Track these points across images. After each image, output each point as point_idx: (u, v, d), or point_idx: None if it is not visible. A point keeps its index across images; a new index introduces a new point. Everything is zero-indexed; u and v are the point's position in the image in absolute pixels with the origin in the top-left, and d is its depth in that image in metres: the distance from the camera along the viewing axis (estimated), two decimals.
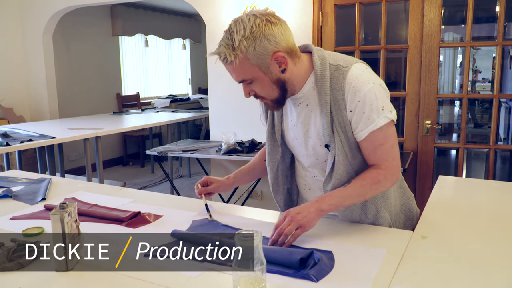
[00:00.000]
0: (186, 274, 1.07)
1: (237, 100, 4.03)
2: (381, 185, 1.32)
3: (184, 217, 1.48)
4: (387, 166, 1.32)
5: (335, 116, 1.31)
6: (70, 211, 1.11)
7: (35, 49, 5.16)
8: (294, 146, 1.45)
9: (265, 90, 1.33)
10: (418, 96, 3.39)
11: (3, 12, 5.01)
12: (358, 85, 1.28)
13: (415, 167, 3.46)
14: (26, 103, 5.33)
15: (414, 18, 3.32)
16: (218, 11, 4.00)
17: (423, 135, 3.41)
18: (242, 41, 1.24)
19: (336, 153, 1.31)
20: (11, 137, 3.38)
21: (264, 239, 1.25)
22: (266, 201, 4.09)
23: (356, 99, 1.28)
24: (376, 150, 1.31)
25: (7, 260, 1.12)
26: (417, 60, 3.36)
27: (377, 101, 1.28)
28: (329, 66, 1.33)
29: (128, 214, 1.47)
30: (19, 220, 1.48)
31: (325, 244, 1.22)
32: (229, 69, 1.30)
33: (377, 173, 1.31)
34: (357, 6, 3.49)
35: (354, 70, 1.31)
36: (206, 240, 1.21)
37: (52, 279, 1.06)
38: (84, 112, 5.89)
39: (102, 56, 6.32)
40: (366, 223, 1.40)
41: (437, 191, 1.74)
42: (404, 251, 1.16)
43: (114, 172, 6.18)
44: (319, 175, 1.44)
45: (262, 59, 1.26)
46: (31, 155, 4.89)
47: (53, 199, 1.73)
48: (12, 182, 1.99)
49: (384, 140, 1.31)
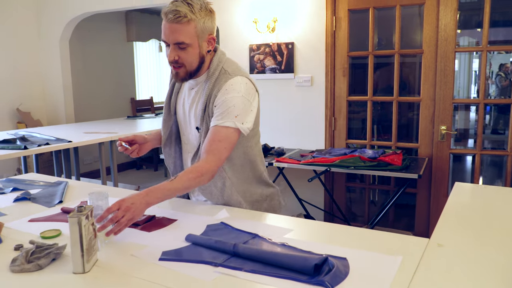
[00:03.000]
0: (201, 278, 1.07)
1: None
2: (203, 178, 1.49)
3: (199, 222, 1.48)
4: (212, 160, 1.50)
5: (208, 106, 1.57)
6: (87, 214, 1.12)
7: (52, 55, 5.26)
8: (180, 121, 1.73)
9: (189, 58, 1.53)
10: (433, 101, 3.36)
11: (21, 18, 5.11)
12: (229, 89, 1.55)
13: (430, 174, 3.43)
14: (43, 108, 5.42)
15: (429, 22, 3.30)
16: (231, 17, 4.02)
17: (438, 140, 3.37)
18: (201, 11, 1.49)
19: (202, 135, 1.59)
20: (29, 141, 3.43)
21: (271, 243, 1.25)
22: None
23: (221, 98, 1.54)
24: (213, 142, 1.52)
25: (26, 261, 1.13)
26: (432, 64, 3.33)
27: (235, 109, 1.53)
28: (221, 68, 1.60)
29: (143, 217, 1.48)
30: (37, 222, 1.51)
31: (339, 251, 1.21)
32: (174, 28, 1.47)
33: (202, 167, 1.49)
34: (370, 11, 3.48)
35: (236, 79, 1.57)
36: (220, 245, 1.21)
37: (69, 281, 1.08)
38: (99, 116, 5.96)
39: (116, 61, 6.40)
40: (221, 203, 1.66)
41: (453, 198, 1.72)
42: (420, 259, 1.15)
43: (127, 176, 6.23)
44: (190, 153, 1.70)
45: (204, 34, 1.52)
46: (47, 159, 4.96)
47: (69, 202, 1.76)
48: (30, 185, 2.02)
49: (223, 139, 1.52)
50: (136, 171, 6.57)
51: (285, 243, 1.26)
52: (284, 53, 3.82)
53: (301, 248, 1.22)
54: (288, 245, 1.24)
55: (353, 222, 3.89)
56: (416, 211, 3.57)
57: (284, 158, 3.38)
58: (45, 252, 1.17)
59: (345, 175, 3.80)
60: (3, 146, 3.19)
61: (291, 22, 3.78)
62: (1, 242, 1.31)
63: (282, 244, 1.25)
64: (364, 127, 3.79)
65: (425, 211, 3.52)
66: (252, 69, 3.99)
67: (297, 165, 3.24)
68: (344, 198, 3.87)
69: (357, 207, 4.17)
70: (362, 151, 3.28)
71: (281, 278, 1.06)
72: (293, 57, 3.79)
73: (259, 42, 3.92)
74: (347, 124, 3.73)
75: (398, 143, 3.58)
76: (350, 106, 3.76)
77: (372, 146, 3.71)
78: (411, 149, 3.70)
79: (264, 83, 3.98)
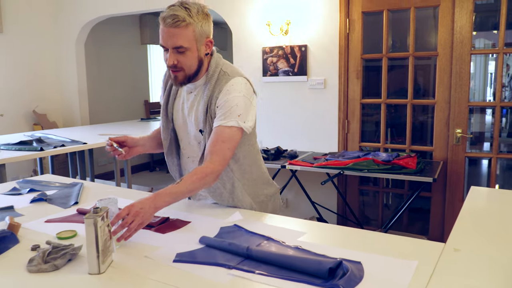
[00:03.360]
0: (215, 280, 1.08)
1: (263, 108, 4.05)
2: (208, 179, 1.50)
3: (212, 224, 1.49)
4: (216, 160, 1.52)
5: (210, 108, 1.59)
6: (103, 216, 1.14)
7: (68, 58, 5.33)
8: (181, 126, 1.71)
9: (188, 62, 1.54)
10: (448, 104, 3.33)
11: (38, 21, 5.20)
12: (230, 89, 1.57)
13: (445, 177, 3.39)
14: (58, 110, 5.50)
15: (444, 24, 3.27)
16: (244, 20, 4.03)
17: (454, 144, 3.34)
18: (198, 15, 1.50)
19: (206, 137, 1.60)
20: (45, 143, 3.48)
21: (284, 246, 1.25)
22: (292, 209, 4.08)
23: (224, 99, 1.56)
24: (217, 143, 1.53)
25: (42, 262, 1.15)
26: (447, 67, 3.30)
27: (237, 108, 1.55)
28: (220, 70, 1.62)
29: (158, 219, 1.49)
30: (53, 223, 1.52)
31: (354, 254, 1.20)
32: (173, 32, 1.48)
33: (206, 168, 1.50)
34: (384, 13, 3.46)
35: (236, 79, 1.59)
36: (234, 247, 1.22)
37: (85, 282, 1.09)
38: (113, 118, 6.02)
39: (130, 64, 6.46)
40: (231, 205, 1.68)
41: (469, 202, 1.70)
42: (436, 264, 1.14)
43: (141, 178, 6.28)
44: (191, 157, 1.72)
45: (201, 37, 1.53)
46: (62, 160, 5.03)
47: (84, 203, 1.78)
48: (46, 186, 2.05)
49: (227, 139, 1.54)
50: (149, 173, 6.62)
51: (298, 246, 1.25)
52: (297, 56, 3.82)
53: (315, 252, 1.22)
54: (301, 248, 1.24)
55: (366, 226, 3.86)
56: (431, 215, 3.53)
57: (297, 161, 3.38)
58: (61, 253, 1.18)
59: (358, 178, 3.78)
60: (20, 148, 3.24)
61: (304, 25, 3.77)
62: (19, 242, 1.33)
63: (296, 247, 1.25)
64: (378, 130, 3.76)
65: (440, 215, 3.48)
66: (265, 71, 3.99)
67: (310, 168, 3.23)
68: (357, 201, 3.84)
69: (371, 210, 4.14)
70: (376, 154, 3.26)
71: (295, 281, 1.05)
72: (306, 59, 3.79)
73: (272, 45, 3.93)
74: (360, 127, 3.71)
75: (412, 146, 3.55)
76: (363, 109, 3.74)
77: (385, 149, 3.68)
78: (426, 152, 3.67)
79: (277, 86, 3.98)
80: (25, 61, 5.09)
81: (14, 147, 3.27)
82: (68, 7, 5.23)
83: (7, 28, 4.84)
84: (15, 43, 4.97)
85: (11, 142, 3.47)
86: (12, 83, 4.98)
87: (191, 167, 1.72)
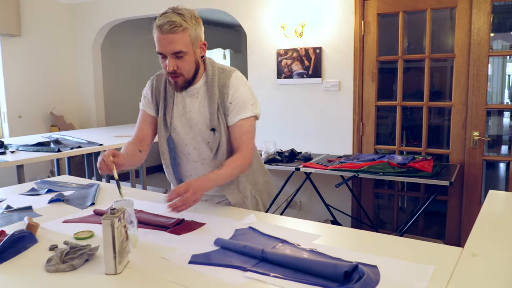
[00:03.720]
0: (230, 282, 1.08)
1: (277, 110, 4.05)
2: (242, 168, 1.67)
3: (227, 226, 1.49)
4: (246, 153, 1.66)
5: (220, 106, 1.65)
6: (119, 217, 1.15)
7: (85, 60, 5.41)
8: (182, 131, 1.72)
9: (187, 66, 1.58)
10: (465, 106, 3.29)
11: (56, 25, 5.28)
12: (238, 84, 1.67)
13: (462, 181, 3.35)
14: (75, 111, 5.58)
15: (461, 26, 3.23)
16: (259, 23, 4.04)
17: (471, 147, 3.29)
18: (191, 19, 1.54)
19: (221, 134, 1.66)
20: (62, 144, 3.54)
21: (300, 249, 1.25)
22: (305, 211, 4.06)
23: (236, 94, 1.65)
24: (242, 137, 1.66)
25: (60, 261, 1.17)
26: (464, 69, 3.26)
27: (249, 99, 1.67)
28: (217, 69, 1.69)
29: (173, 221, 1.50)
30: (71, 223, 1.55)
31: (369, 258, 1.19)
32: (171, 38, 1.50)
33: (239, 159, 1.64)
34: (400, 15, 3.44)
35: (236, 74, 1.70)
36: (249, 250, 1.22)
37: (101, 282, 1.10)
38: (128, 120, 6.08)
39: (145, 66, 6.51)
40: (239, 198, 1.76)
41: (488, 206, 1.67)
42: (454, 269, 1.12)
43: (156, 179, 6.32)
44: (200, 160, 1.74)
45: (196, 40, 1.57)
46: (79, 161, 5.09)
47: (101, 204, 1.80)
48: (63, 187, 2.08)
49: (248, 130, 1.67)
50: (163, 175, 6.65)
51: (313, 249, 1.25)
52: (312, 58, 3.81)
53: (330, 255, 1.21)
54: (317, 251, 1.24)
55: (381, 229, 3.83)
56: (447, 219, 3.49)
57: (311, 163, 3.37)
58: (79, 253, 1.20)
59: (373, 181, 3.75)
60: (38, 149, 3.29)
61: (319, 27, 3.77)
62: (37, 242, 1.35)
63: (311, 250, 1.25)
64: (393, 133, 3.73)
65: (457, 219, 3.43)
66: (279, 74, 3.99)
67: (325, 171, 3.21)
68: (372, 205, 3.81)
69: (385, 213, 4.11)
70: (391, 157, 3.23)
71: (310, 284, 1.05)
72: (321, 61, 3.78)
73: (286, 47, 3.93)
74: (375, 129, 3.68)
75: (428, 149, 3.51)
76: (378, 111, 3.71)
77: (401, 152, 3.65)
78: (442, 155, 3.62)
79: (292, 88, 3.98)
80: (42, 63, 5.18)
81: (32, 148, 3.33)
82: (85, 10, 5.31)
83: (25, 31, 4.93)
84: (33, 46, 5.06)
85: (29, 143, 3.53)
86: (30, 86, 5.07)
87: (201, 169, 1.75)
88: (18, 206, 1.76)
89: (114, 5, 5.01)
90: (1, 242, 1.26)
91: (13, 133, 4.87)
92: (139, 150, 1.73)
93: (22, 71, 4.97)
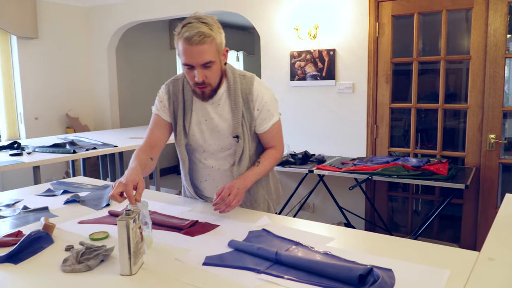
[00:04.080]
0: (244, 284, 1.08)
1: (290, 112, 4.04)
2: (276, 161, 1.78)
3: (240, 228, 1.49)
4: (281, 146, 1.81)
5: (245, 113, 1.67)
6: (134, 218, 1.16)
7: (100, 63, 5.47)
8: (201, 138, 1.72)
9: (214, 75, 1.58)
10: (481, 109, 3.24)
11: (71, 28, 5.36)
12: (263, 90, 1.70)
13: (478, 184, 3.30)
14: (90, 113, 5.64)
15: (477, 27, 3.19)
16: (272, 24, 4.04)
17: (487, 150, 3.25)
18: (217, 28, 1.53)
19: (244, 141, 1.68)
20: (78, 145, 3.58)
21: (314, 251, 1.24)
22: (318, 213, 4.05)
23: (263, 101, 1.69)
24: (275, 137, 1.77)
25: (76, 262, 1.18)
26: (481, 71, 3.22)
27: (273, 103, 1.73)
28: (238, 75, 1.68)
29: (187, 222, 1.51)
30: (86, 224, 1.56)
31: (384, 261, 1.18)
32: (201, 50, 1.48)
33: (275, 152, 1.78)
34: (415, 16, 3.41)
35: (257, 79, 1.71)
36: (263, 252, 1.22)
37: (117, 283, 1.11)
38: (142, 122, 6.13)
39: (159, 68, 6.57)
40: (248, 201, 1.78)
41: (504, 210, 1.65)
42: (470, 273, 1.11)
43: (169, 180, 6.36)
44: (217, 166, 1.75)
45: (221, 48, 1.57)
46: (94, 162, 5.15)
47: (116, 205, 1.81)
48: (78, 188, 2.10)
49: (278, 129, 1.78)
50: (177, 176, 6.69)
51: (328, 252, 1.25)
52: (325, 60, 3.80)
53: (344, 258, 1.20)
54: (331, 254, 1.23)
55: (395, 232, 3.79)
56: (462, 223, 3.44)
57: (325, 166, 3.35)
58: (94, 254, 1.21)
59: (387, 184, 3.72)
60: (54, 150, 3.34)
61: (332, 29, 3.75)
62: (53, 243, 1.37)
63: (325, 252, 1.24)
64: (407, 135, 3.70)
65: (472, 223, 3.38)
66: (293, 76, 3.99)
67: (338, 173, 3.20)
68: (386, 207, 3.78)
69: (400, 217, 4.07)
70: (406, 160, 3.20)
71: (324, 287, 1.05)
72: (335, 63, 3.77)
73: (300, 49, 3.92)
74: (389, 132, 3.66)
75: (444, 151, 3.47)
76: (392, 114, 3.68)
77: (415, 154, 3.61)
78: (457, 158, 3.58)
79: (305, 90, 3.97)
80: (58, 66, 5.25)
81: (48, 149, 3.38)
82: (100, 13, 5.37)
83: (41, 34, 5.01)
84: (50, 48, 5.13)
85: (45, 144, 3.58)
86: (47, 88, 5.14)
87: (217, 175, 1.77)
88: (35, 206, 1.78)
89: (129, 8, 5.07)
90: (18, 243, 1.28)
91: (30, 134, 4.95)
92: (150, 158, 1.67)
93: (38, 74, 5.05)
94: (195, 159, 1.79)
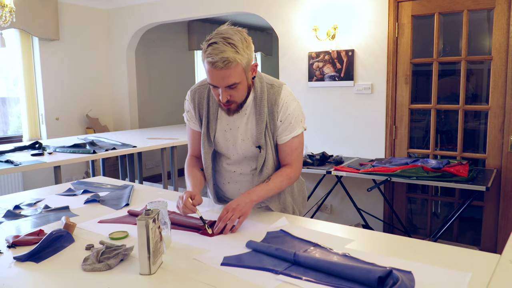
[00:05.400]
0: (262, 285, 1.08)
1: (308, 113, 4.03)
2: (291, 180, 1.70)
3: (258, 228, 1.50)
4: (297, 166, 1.71)
5: (269, 124, 1.63)
6: (154, 218, 1.17)
7: (119, 64, 5.54)
8: (224, 146, 1.70)
9: (240, 93, 1.54)
10: (503, 110, 3.18)
11: (92, 29, 5.44)
12: (288, 101, 1.63)
13: (499, 186, 3.24)
14: (110, 114, 5.72)
15: (499, 27, 3.13)
16: (291, 25, 4.04)
17: (509, 151, 3.18)
18: (243, 47, 1.45)
19: (266, 152, 1.64)
20: (97, 146, 3.63)
21: (332, 253, 1.23)
22: (336, 214, 4.02)
23: (287, 112, 1.63)
24: (293, 152, 1.68)
25: (96, 261, 1.20)
26: (502, 72, 3.16)
27: (299, 116, 1.66)
28: (266, 84, 1.63)
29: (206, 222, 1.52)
30: (106, 223, 1.59)
31: (403, 263, 1.17)
32: (224, 74, 1.44)
33: (290, 171, 1.68)
34: (436, 16, 3.36)
35: (285, 89, 1.65)
36: (281, 253, 1.22)
37: (136, 282, 1.12)
38: (161, 122, 6.19)
39: (178, 69, 6.62)
40: (278, 208, 1.74)
41: None
42: (492, 277, 1.09)
43: None
44: (239, 170, 1.73)
45: (248, 66, 1.51)
46: (113, 162, 5.22)
47: (135, 205, 1.84)
48: (98, 188, 2.14)
49: (298, 145, 1.68)
50: None
51: (346, 254, 1.24)
52: (344, 61, 3.78)
53: (363, 259, 1.20)
54: (349, 256, 1.22)
55: (414, 234, 3.74)
56: (483, 225, 3.38)
57: (343, 167, 3.33)
58: (114, 253, 1.23)
59: (406, 185, 3.67)
60: (74, 150, 3.39)
61: (351, 29, 3.73)
62: (74, 242, 1.40)
63: (344, 254, 1.24)
64: (427, 136, 3.65)
65: (493, 225, 3.32)
66: (311, 76, 3.98)
67: (356, 174, 3.17)
68: (404, 209, 3.74)
69: (419, 218, 4.02)
70: (425, 161, 3.16)
71: None
72: (353, 64, 3.74)
73: (318, 50, 3.91)
74: (409, 133, 3.61)
75: (464, 153, 3.41)
76: (412, 115, 3.64)
77: (435, 156, 3.56)
78: (478, 160, 3.52)
79: (323, 91, 3.96)
80: (79, 67, 5.34)
81: (69, 149, 3.44)
82: (120, 15, 5.45)
83: (63, 36, 5.10)
84: (71, 50, 5.22)
85: (66, 145, 3.64)
86: (67, 89, 5.23)
87: (239, 179, 1.75)
88: (56, 206, 1.81)
89: (148, 9, 5.12)
90: (40, 242, 1.30)
91: (51, 135, 5.05)
92: (201, 169, 1.76)
93: (59, 75, 5.14)
94: (217, 164, 1.79)
